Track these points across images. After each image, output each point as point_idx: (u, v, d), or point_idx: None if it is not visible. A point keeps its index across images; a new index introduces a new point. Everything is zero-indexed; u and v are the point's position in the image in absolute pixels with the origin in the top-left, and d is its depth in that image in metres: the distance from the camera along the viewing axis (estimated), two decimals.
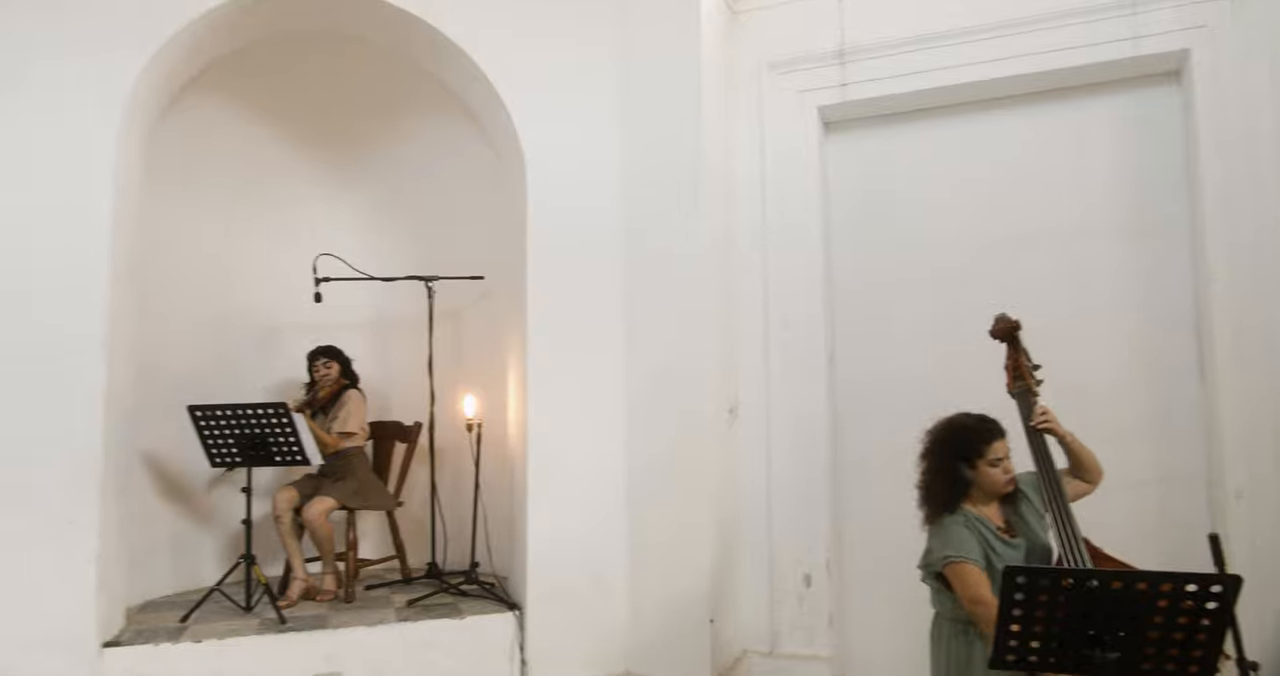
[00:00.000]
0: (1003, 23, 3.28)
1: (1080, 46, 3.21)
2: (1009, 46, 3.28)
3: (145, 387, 3.46)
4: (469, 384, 4.04)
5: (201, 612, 3.31)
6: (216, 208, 4.00)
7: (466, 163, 4.17)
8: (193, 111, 3.64)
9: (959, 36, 3.35)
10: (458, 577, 3.73)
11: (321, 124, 4.21)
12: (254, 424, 3.35)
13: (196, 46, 3.26)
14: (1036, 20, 3.24)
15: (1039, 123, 3.44)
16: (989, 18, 3.30)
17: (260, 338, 4.19)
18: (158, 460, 3.77)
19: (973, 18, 3.32)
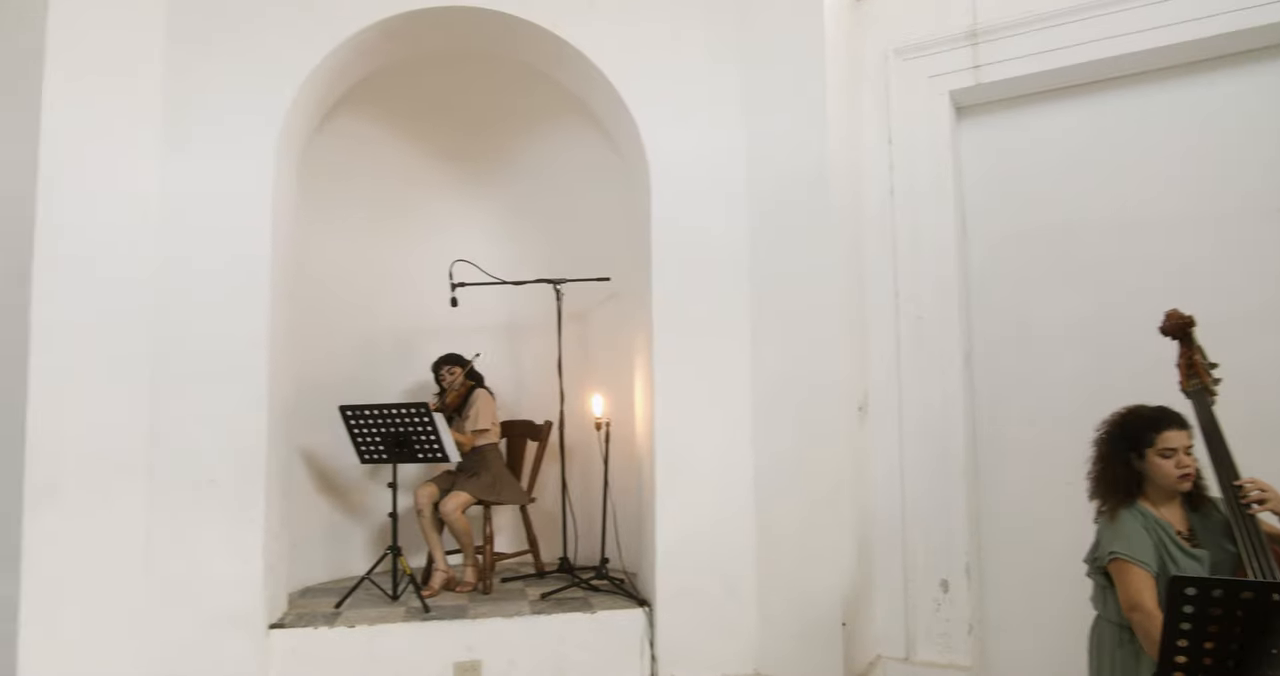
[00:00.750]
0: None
1: (1242, 9, 2.91)
2: (1159, 14, 3.03)
3: (301, 390, 3.72)
4: (597, 383, 4.12)
5: (353, 599, 3.53)
6: (362, 221, 4.25)
7: (592, 167, 4.25)
8: (339, 133, 3.88)
9: (1103, 6, 3.12)
10: (588, 573, 3.81)
11: (456, 137, 4.40)
12: (398, 423, 3.55)
13: (340, 72, 3.47)
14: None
15: (1193, 97, 3.15)
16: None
17: (401, 341, 4.42)
18: (314, 457, 4.04)
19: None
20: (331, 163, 3.93)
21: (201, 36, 3.17)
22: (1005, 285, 3.48)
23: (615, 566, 3.90)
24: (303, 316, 3.68)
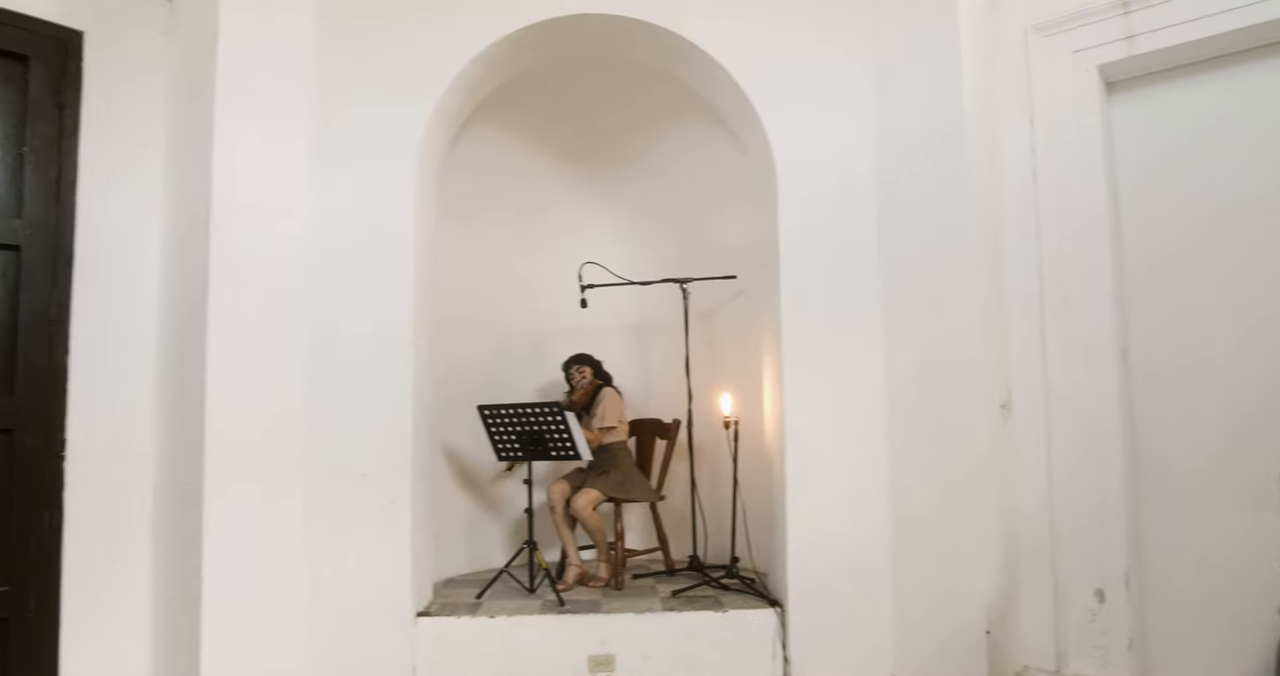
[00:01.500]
0: None
1: None
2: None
3: (441, 390, 3.90)
4: (725, 381, 4.11)
5: (492, 591, 3.66)
6: (494, 227, 4.42)
7: (716, 164, 4.25)
8: (470, 143, 4.04)
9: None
10: (718, 571, 3.80)
11: (581, 141, 4.50)
12: (532, 421, 3.67)
13: (472, 87, 3.62)
14: None
15: None
16: None
17: (533, 343, 4.56)
18: (454, 455, 4.24)
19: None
20: (464, 171, 4.09)
21: (345, 66, 3.38)
22: (1164, 272, 3.21)
23: (745, 565, 3.88)
24: (441, 320, 3.85)
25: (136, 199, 3.21)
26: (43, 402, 2.95)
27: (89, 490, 3.04)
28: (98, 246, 3.09)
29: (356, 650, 3.20)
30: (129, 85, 3.20)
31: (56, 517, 2.97)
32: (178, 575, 3.03)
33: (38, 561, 2.92)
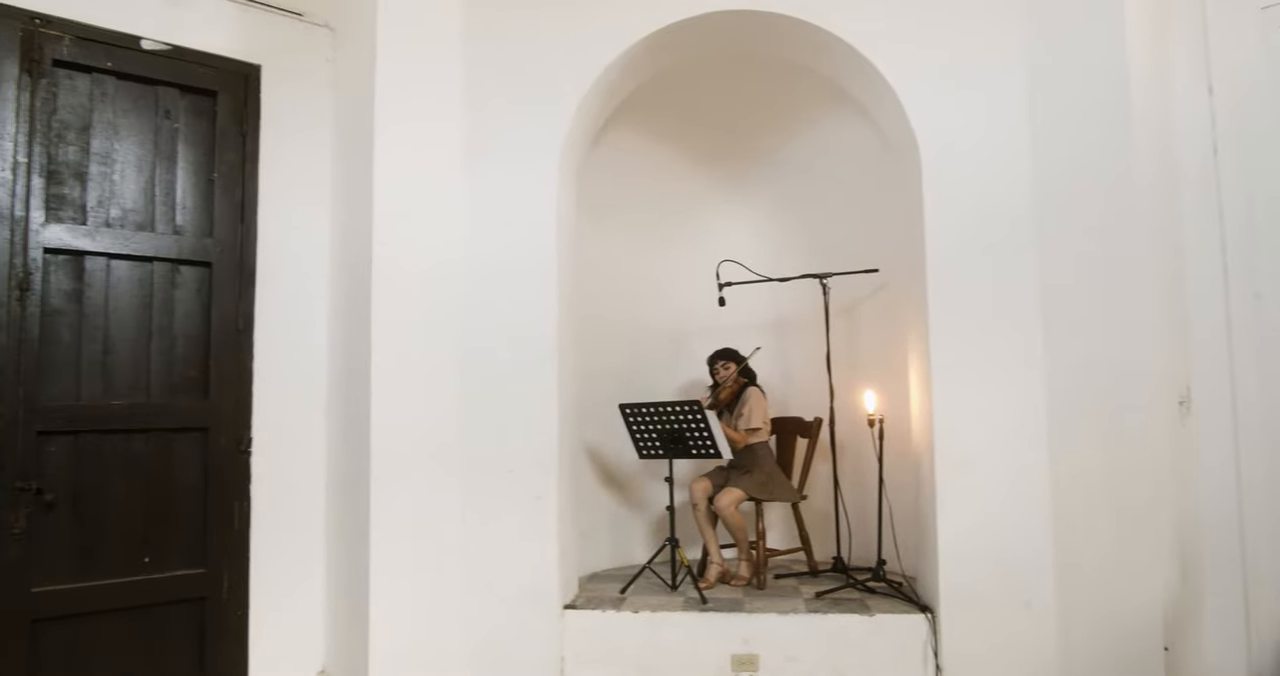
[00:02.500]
0: None
1: None
2: None
3: (582, 387, 4.01)
4: (868, 378, 3.99)
5: (635, 587, 3.73)
6: (633, 227, 4.49)
7: (855, 157, 4.14)
8: (606, 146, 4.12)
9: None
10: (864, 574, 3.70)
11: (715, 139, 4.49)
12: (673, 420, 3.70)
13: (608, 93, 3.69)
14: None
15: None
16: None
17: (672, 341, 4.60)
18: (596, 452, 4.34)
19: None
20: (603, 173, 4.18)
21: (490, 77, 3.52)
22: None
23: (893, 569, 3.75)
24: (582, 320, 3.95)
25: (308, 215, 3.49)
26: (232, 404, 3.26)
27: (271, 483, 3.34)
28: (276, 261, 3.39)
29: (509, 638, 3.34)
30: (299, 110, 3.49)
31: (245, 507, 3.27)
32: (348, 562, 3.27)
33: (230, 546, 3.23)
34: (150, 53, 3.15)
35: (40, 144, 2.92)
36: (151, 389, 3.11)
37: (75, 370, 2.96)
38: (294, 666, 3.36)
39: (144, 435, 3.08)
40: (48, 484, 2.86)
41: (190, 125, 3.26)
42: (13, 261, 2.83)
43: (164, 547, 3.11)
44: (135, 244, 3.09)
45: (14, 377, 2.81)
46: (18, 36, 2.89)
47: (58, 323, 2.93)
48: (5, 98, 2.86)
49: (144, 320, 3.11)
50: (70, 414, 2.92)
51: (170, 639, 3.10)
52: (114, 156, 3.09)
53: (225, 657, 3.19)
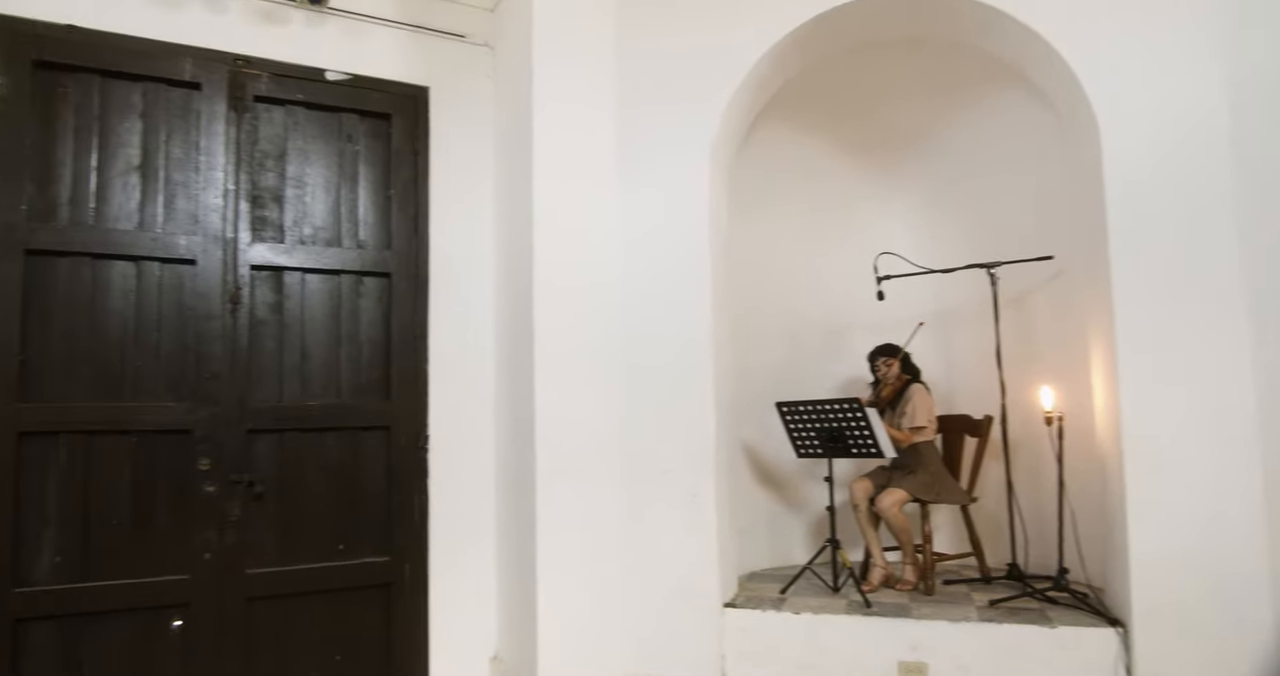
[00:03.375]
0: None
1: None
2: None
3: (737, 385, 4.00)
4: (1042, 373, 3.75)
5: (796, 587, 3.68)
6: (786, 222, 4.43)
7: (1023, 137, 3.90)
8: (756, 142, 4.09)
9: None
10: (1043, 583, 3.47)
11: (868, 128, 4.36)
12: (832, 418, 3.63)
13: (762, 84, 3.66)
14: None
15: None
16: None
17: (828, 338, 4.50)
18: (752, 450, 4.32)
19: None
20: (754, 168, 4.14)
21: (642, 78, 3.57)
22: None
23: (1076, 578, 3.49)
24: (737, 318, 3.94)
25: (473, 225, 3.69)
26: (410, 405, 3.50)
27: (446, 478, 3.56)
28: (446, 270, 3.61)
29: (669, 633, 3.38)
30: (464, 127, 3.70)
31: (423, 501, 3.51)
32: (516, 555, 3.43)
33: (411, 537, 3.47)
34: (334, 83, 3.44)
35: (245, 172, 3.26)
36: (342, 390, 3.40)
37: (278, 374, 3.28)
38: (469, 651, 3.56)
39: (336, 433, 3.37)
40: (257, 477, 3.19)
41: (369, 147, 3.53)
42: (225, 278, 3.18)
43: (354, 536, 3.38)
44: (325, 258, 3.39)
45: (229, 382, 3.16)
46: (225, 78, 3.24)
47: (263, 332, 3.26)
48: (216, 132, 3.22)
49: (333, 328, 3.40)
50: (275, 414, 3.25)
51: (361, 620, 3.37)
52: (305, 180, 3.40)
53: (409, 640, 3.43)
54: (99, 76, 3.07)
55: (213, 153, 3.21)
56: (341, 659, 3.32)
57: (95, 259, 3.02)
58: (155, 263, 3.11)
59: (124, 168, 3.10)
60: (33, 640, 2.87)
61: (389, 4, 3.57)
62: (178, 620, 3.04)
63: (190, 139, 3.19)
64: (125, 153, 3.10)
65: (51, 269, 2.96)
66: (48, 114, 2.99)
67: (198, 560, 3.08)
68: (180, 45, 3.17)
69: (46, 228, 2.95)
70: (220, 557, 3.11)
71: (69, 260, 2.98)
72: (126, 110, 3.12)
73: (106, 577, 2.97)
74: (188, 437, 3.09)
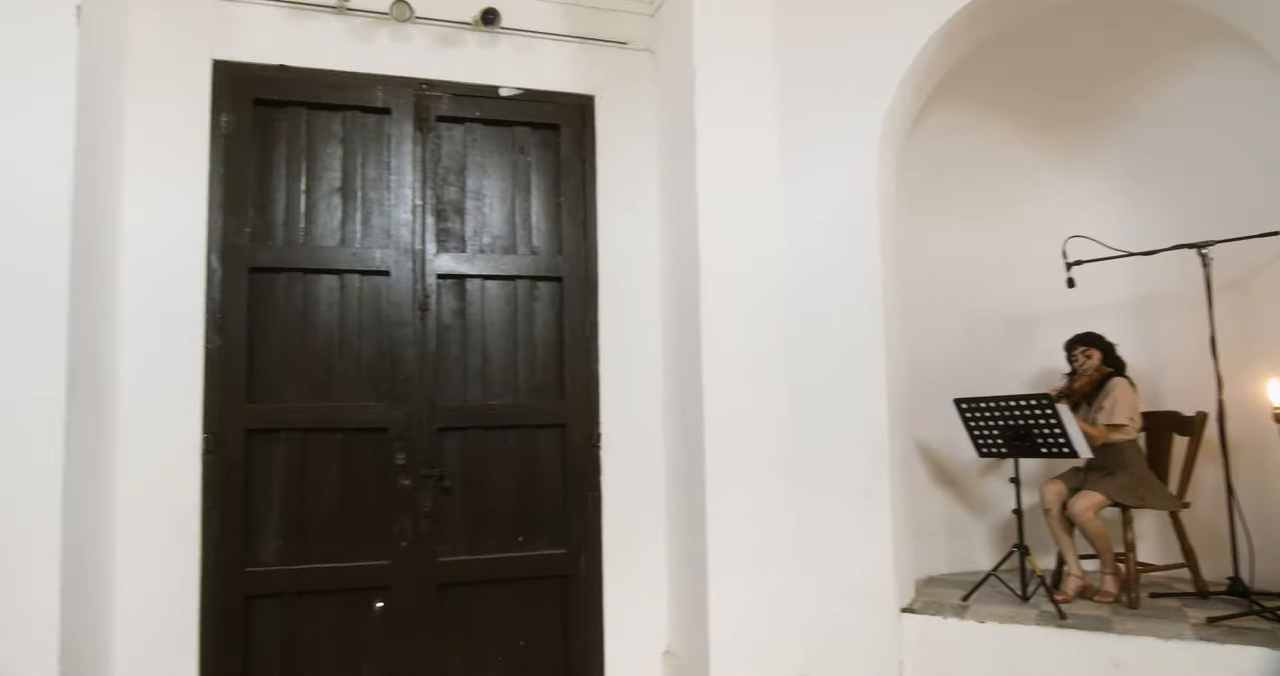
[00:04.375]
0: None
1: None
2: None
3: (913, 380, 3.85)
4: (1268, 364, 3.34)
5: (979, 594, 3.49)
6: (962, 207, 4.20)
7: (1239, 103, 3.51)
8: (927, 126, 3.92)
9: None
10: (1272, 599, 3.10)
11: (1053, 104, 4.07)
12: (1017, 415, 3.41)
13: (926, 71, 3.50)
14: None
15: None
16: None
17: (1012, 329, 4.23)
18: (928, 446, 4.14)
19: None
20: (925, 156, 3.97)
21: (802, 74, 3.52)
22: None
23: None
24: (909, 310, 3.80)
25: (639, 228, 3.78)
26: (583, 403, 3.63)
27: (617, 475, 3.66)
28: (614, 273, 3.72)
29: (843, 636, 3.31)
30: (628, 132, 3.79)
31: (597, 496, 3.63)
32: (687, 551, 3.48)
33: (585, 531, 3.60)
34: (506, 98, 3.63)
35: (430, 187, 3.51)
36: (519, 390, 3.59)
37: (463, 375, 3.51)
38: (642, 643, 3.64)
39: (515, 431, 3.56)
40: (446, 471, 3.42)
41: (539, 157, 3.71)
42: (415, 287, 3.44)
43: (533, 529, 3.56)
44: (502, 265, 3.59)
45: (419, 383, 3.41)
46: (411, 101, 3.50)
47: (448, 336, 3.50)
48: (404, 152, 3.48)
49: (511, 331, 3.60)
50: (461, 413, 3.47)
51: (540, 609, 3.54)
52: (483, 192, 3.61)
53: (585, 630, 3.57)
54: (306, 109, 3.41)
55: (402, 171, 3.48)
56: (524, 645, 3.50)
57: (305, 274, 3.36)
58: (355, 275, 3.41)
59: (327, 190, 3.43)
60: (260, 614, 3.22)
61: (555, 18, 3.72)
62: (379, 601, 3.32)
63: (382, 160, 3.48)
64: (328, 176, 3.43)
65: (270, 284, 3.32)
66: (265, 146, 3.36)
67: (396, 547, 3.34)
68: (372, 75, 3.46)
69: (265, 248, 3.32)
70: (415, 545, 3.36)
71: (284, 276, 3.34)
72: (329, 137, 3.44)
73: (319, 560, 3.29)
74: (385, 435, 3.37)
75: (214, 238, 3.23)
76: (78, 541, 2.69)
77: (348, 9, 3.40)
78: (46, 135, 2.63)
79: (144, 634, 3.07)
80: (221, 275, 3.24)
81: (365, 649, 3.31)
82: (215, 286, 3.23)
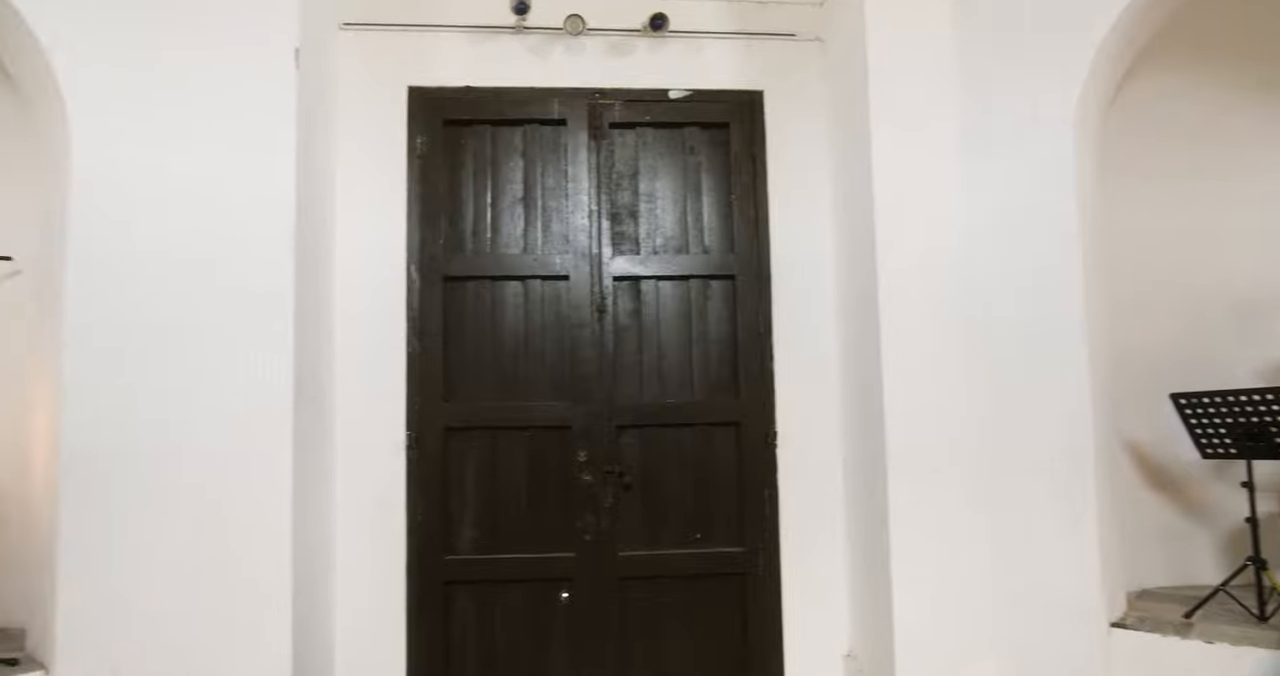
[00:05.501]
0: None
1: None
2: None
3: (1118, 370, 3.53)
4: None
5: (1205, 611, 3.15)
6: (1172, 182, 3.80)
7: None
8: (1135, 94, 3.57)
9: None
10: None
11: (1275, 67, 3.61)
12: (1250, 412, 3.06)
13: (1132, 28, 3.18)
14: None
15: None
16: None
17: (1237, 315, 3.78)
18: (1137, 446, 3.79)
19: None
20: (1128, 126, 3.62)
21: (985, 52, 3.33)
22: None
23: None
24: (1116, 296, 3.49)
25: (811, 222, 3.72)
26: (757, 401, 3.62)
27: (794, 473, 3.62)
28: (786, 268, 3.68)
29: (1042, 651, 3.09)
30: (797, 125, 3.74)
31: (773, 494, 3.61)
32: (868, 552, 3.38)
33: (762, 530, 3.59)
34: (676, 101, 3.69)
35: (604, 193, 3.63)
36: (694, 388, 3.64)
37: (639, 375, 3.60)
38: (822, 645, 3.58)
39: (690, 429, 3.61)
40: (625, 468, 3.53)
41: (709, 156, 3.73)
42: (593, 290, 3.57)
43: (709, 526, 3.59)
44: (675, 266, 3.65)
45: (598, 383, 3.54)
46: (585, 111, 3.65)
47: (625, 337, 3.60)
48: (580, 160, 3.63)
49: (684, 330, 3.65)
50: (637, 411, 3.57)
51: (717, 606, 3.56)
52: (655, 195, 3.69)
53: (763, 629, 3.55)
54: (490, 126, 3.64)
55: (578, 179, 3.62)
56: (703, 641, 3.54)
57: (493, 281, 3.58)
58: (537, 280, 3.59)
59: (511, 200, 3.63)
60: (457, 600, 3.47)
61: (722, 17, 3.73)
62: (565, 592, 3.47)
63: (560, 169, 3.64)
64: (511, 187, 3.64)
65: (461, 291, 3.57)
66: (454, 163, 3.62)
67: (579, 541, 3.48)
68: (548, 88, 3.64)
69: (458, 257, 3.57)
70: (597, 540, 3.49)
71: (474, 283, 3.58)
72: (510, 151, 3.65)
73: (509, 551, 3.49)
74: (568, 432, 3.52)
75: (412, 250, 3.52)
76: (305, 527, 3.02)
77: (525, 28, 3.58)
78: (272, 166, 2.96)
79: (359, 613, 3.40)
80: (419, 284, 3.52)
81: (552, 636, 3.47)
82: (414, 295, 3.51)
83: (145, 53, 2.92)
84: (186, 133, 2.93)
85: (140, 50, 2.92)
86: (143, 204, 2.89)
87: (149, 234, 2.88)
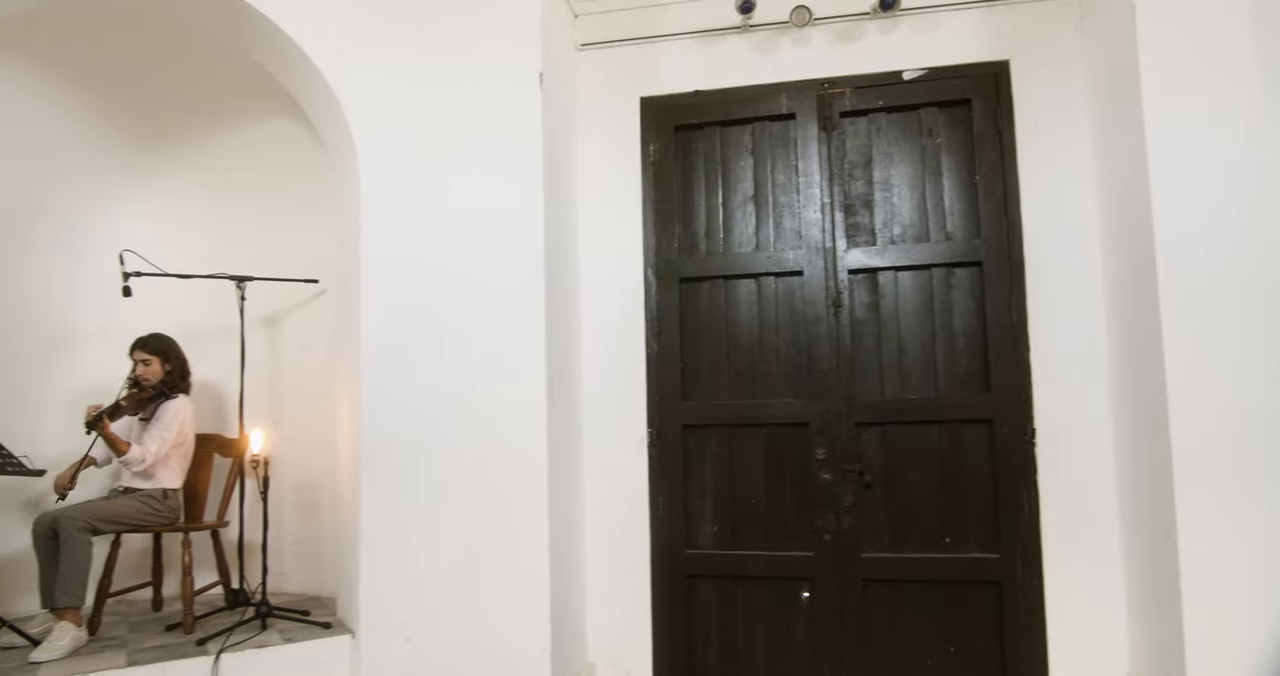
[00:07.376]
0: None
1: None
2: None
3: None
4: None
5: None
6: None
7: None
8: None
9: None
10: None
11: None
12: None
13: None
14: None
15: None
16: None
17: None
18: None
19: None
20: None
21: None
22: None
23: None
24: None
25: (1070, 201, 3.36)
26: (1013, 396, 3.34)
27: (1056, 474, 3.31)
28: (1041, 252, 3.36)
29: None
30: (1050, 95, 3.40)
31: (1033, 497, 3.31)
32: (1151, 564, 3.01)
33: (1020, 535, 3.30)
34: (910, 82, 3.50)
35: (837, 184, 3.54)
36: (939, 384, 3.44)
37: (878, 370, 3.47)
38: (1096, 664, 3.24)
39: (936, 426, 3.42)
40: (865, 467, 3.42)
41: (949, 136, 3.50)
42: (828, 284, 3.50)
43: (959, 530, 3.38)
44: (914, 255, 3.47)
45: (835, 379, 3.46)
46: (814, 103, 3.58)
47: (862, 331, 3.49)
48: (810, 154, 3.57)
49: (927, 322, 3.46)
50: (877, 408, 3.44)
51: (971, 616, 3.34)
52: (890, 182, 3.53)
53: (1024, 644, 3.28)
54: (718, 127, 3.69)
55: (809, 173, 3.56)
56: (954, 651, 3.34)
57: (726, 280, 3.63)
58: (770, 277, 3.59)
59: (741, 199, 3.66)
60: (699, 593, 3.57)
61: None
62: (805, 592, 3.44)
63: (789, 164, 3.60)
64: (741, 187, 3.66)
65: (696, 292, 3.66)
66: (685, 167, 3.71)
67: (819, 540, 3.43)
68: (775, 84, 3.61)
69: (692, 259, 3.66)
70: (838, 540, 3.42)
71: (708, 283, 3.65)
72: (739, 150, 3.67)
73: (748, 548, 3.53)
74: (805, 429, 3.48)
75: (649, 254, 3.67)
76: (559, 515, 3.27)
77: (750, 26, 3.58)
78: (522, 183, 3.26)
79: (608, 601, 3.62)
80: (656, 287, 3.65)
81: (792, 635, 3.46)
82: (651, 297, 3.65)
83: (411, 87, 3.35)
84: (450, 168, 3.33)
85: (408, 89, 3.36)
86: (418, 230, 3.32)
87: (424, 257, 3.31)
